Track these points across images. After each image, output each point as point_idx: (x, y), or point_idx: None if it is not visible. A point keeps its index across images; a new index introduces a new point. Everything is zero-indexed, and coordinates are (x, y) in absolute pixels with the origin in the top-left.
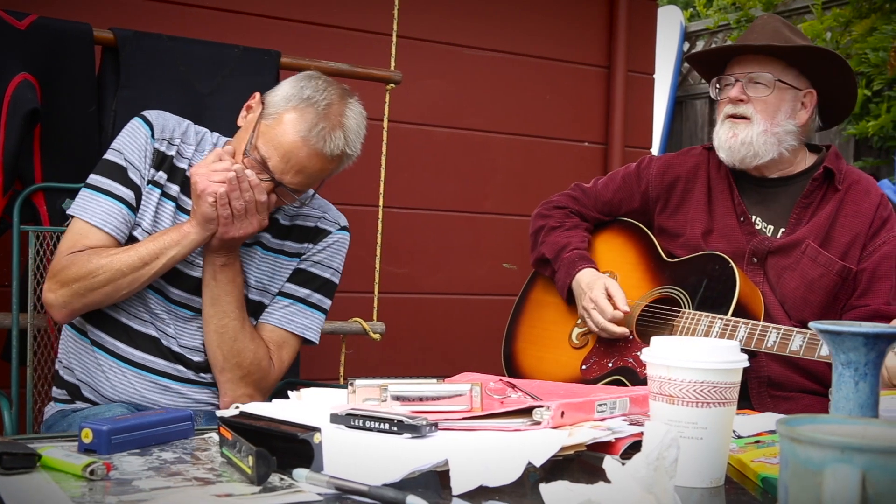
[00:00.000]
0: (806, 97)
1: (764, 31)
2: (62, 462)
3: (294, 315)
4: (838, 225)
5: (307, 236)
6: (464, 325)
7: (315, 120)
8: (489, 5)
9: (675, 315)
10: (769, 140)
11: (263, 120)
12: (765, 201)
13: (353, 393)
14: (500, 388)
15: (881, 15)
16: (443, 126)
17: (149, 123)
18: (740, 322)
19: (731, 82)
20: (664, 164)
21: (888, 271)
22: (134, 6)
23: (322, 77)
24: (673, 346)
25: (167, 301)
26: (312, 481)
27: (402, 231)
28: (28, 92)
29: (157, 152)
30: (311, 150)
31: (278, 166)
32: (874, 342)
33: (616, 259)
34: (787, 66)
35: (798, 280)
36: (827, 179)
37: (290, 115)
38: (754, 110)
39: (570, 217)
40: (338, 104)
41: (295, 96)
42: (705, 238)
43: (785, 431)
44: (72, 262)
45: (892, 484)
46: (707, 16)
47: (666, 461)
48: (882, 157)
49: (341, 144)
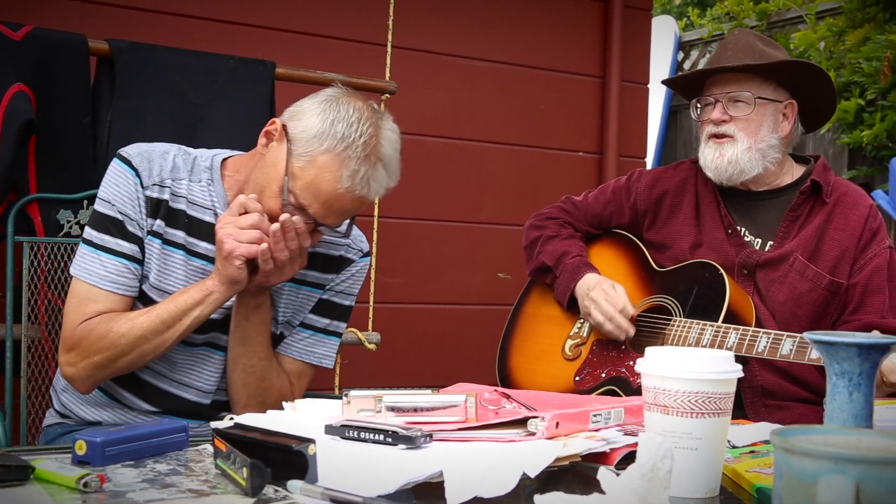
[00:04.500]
0: (787, 108)
1: (737, 48)
2: (56, 474)
3: (314, 346)
4: (827, 238)
5: (331, 266)
6: (459, 335)
7: (356, 166)
8: (484, 15)
9: (667, 323)
10: (754, 156)
11: (294, 160)
12: (753, 215)
13: (347, 404)
14: (495, 398)
15: (874, 25)
16: (438, 136)
17: (134, 169)
18: (731, 328)
19: (710, 102)
20: (653, 178)
21: (881, 285)
22: (129, 17)
23: (348, 101)
24: (667, 356)
25: (190, 346)
26: (307, 493)
27: (398, 241)
28: (23, 103)
29: (149, 200)
30: (356, 196)
31: (320, 212)
32: (868, 352)
33: (608, 270)
34: (764, 81)
35: (786, 294)
36: (815, 192)
37: (326, 160)
38: (737, 129)
39: (565, 227)
40: (374, 136)
41: (327, 134)
42: (694, 251)
43: (779, 442)
44: (89, 331)
45: (886, 494)
46: (701, 26)
47: (660, 472)
48: (876, 166)
49: (384, 184)
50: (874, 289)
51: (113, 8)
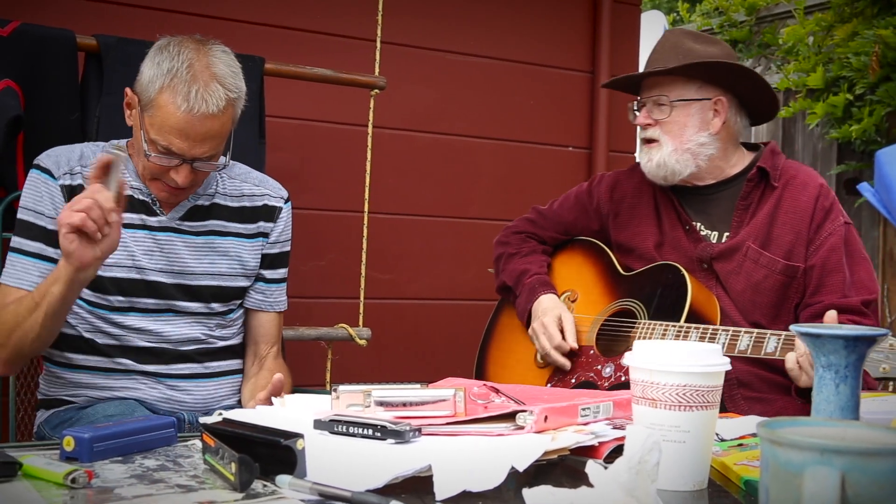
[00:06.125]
0: (717, 105)
1: (664, 50)
2: (43, 470)
3: (280, 296)
4: (779, 223)
5: (260, 215)
6: (449, 330)
7: (186, 88)
8: (473, 11)
9: (632, 326)
10: (682, 157)
11: (145, 113)
12: (706, 209)
13: (336, 399)
14: (484, 392)
15: (863, 19)
16: (427, 131)
17: (44, 169)
18: (692, 327)
19: (641, 106)
20: (613, 182)
21: (838, 263)
22: (117, 13)
23: (171, 40)
24: (655, 350)
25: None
26: (295, 487)
27: (388, 237)
28: (11, 99)
29: (63, 188)
30: (200, 116)
31: (182, 146)
32: (854, 344)
33: (576, 278)
34: (687, 81)
35: (744, 283)
36: (763, 178)
37: (163, 97)
38: (661, 132)
39: (527, 241)
40: (198, 59)
41: (158, 76)
42: (658, 250)
43: (765, 434)
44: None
45: (871, 485)
46: (690, 20)
47: (648, 465)
48: (864, 161)
49: (223, 94)
50: (832, 268)
51: (101, 3)
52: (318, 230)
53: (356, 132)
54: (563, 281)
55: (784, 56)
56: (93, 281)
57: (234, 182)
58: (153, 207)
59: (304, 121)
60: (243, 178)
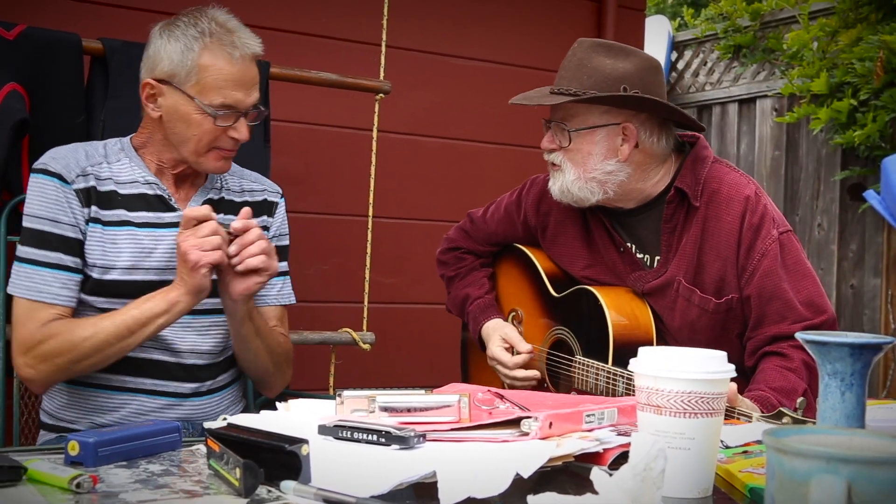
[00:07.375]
0: (625, 130)
1: (569, 67)
2: (48, 475)
3: (283, 289)
4: (707, 249)
5: (262, 210)
6: (453, 335)
7: (228, 39)
8: (478, 15)
9: (570, 364)
10: (587, 185)
11: (187, 85)
12: (635, 231)
13: (341, 404)
14: (489, 398)
15: (867, 25)
16: (432, 136)
17: (53, 174)
18: (619, 374)
19: (548, 128)
20: (539, 193)
21: (775, 289)
22: (122, 16)
23: (169, 21)
24: (661, 356)
25: None
26: (300, 493)
27: (392, 241)
28: (16, 102)
29: (78, 192)
30: (249, 59)
31: (239, 97)
32: (860, 352)
33: (517, 294)
34: (589, 107)
35: (679, 320)
36: (684, 198)
37: (207, 57)
38: (564, 158)
39: (463, 259)
40: (215, 17)
41: (188, 45)
42: (589, 271)
43: (771, 442)
44: (49, 334)
45: (877, 494)
46: (695, 25)
47: (653, 472)
48: (869, 167)
49: (253, 37)
50: (769, 296)
51: (106, 7)
52: (323, 234)
53: (361, 136)
54: (508, 298)
55: (788, 61)
56: (114, 288)
57: (234, 178)
58: (169, 202)
59: (309, 125)
60: (241, 175)
